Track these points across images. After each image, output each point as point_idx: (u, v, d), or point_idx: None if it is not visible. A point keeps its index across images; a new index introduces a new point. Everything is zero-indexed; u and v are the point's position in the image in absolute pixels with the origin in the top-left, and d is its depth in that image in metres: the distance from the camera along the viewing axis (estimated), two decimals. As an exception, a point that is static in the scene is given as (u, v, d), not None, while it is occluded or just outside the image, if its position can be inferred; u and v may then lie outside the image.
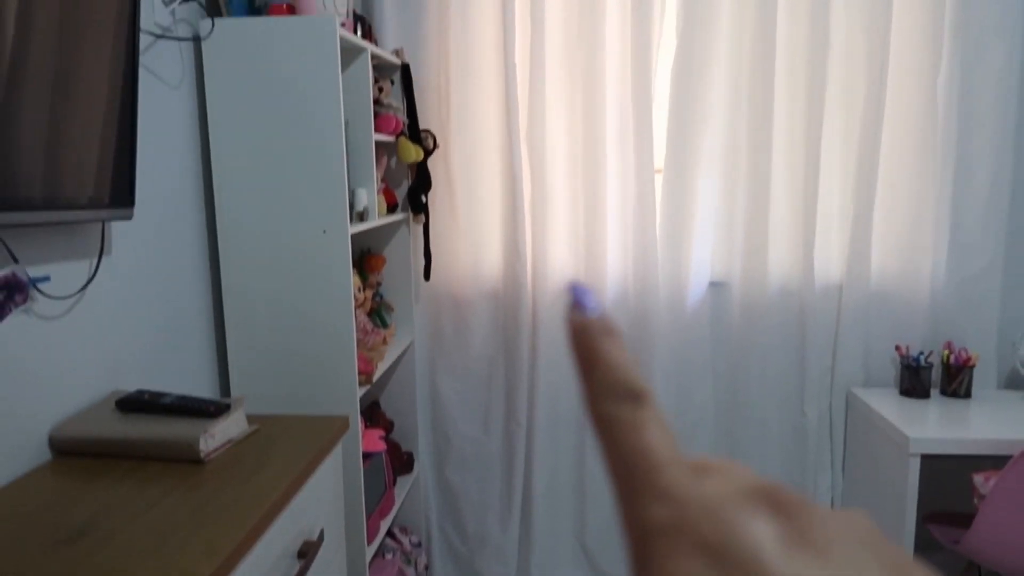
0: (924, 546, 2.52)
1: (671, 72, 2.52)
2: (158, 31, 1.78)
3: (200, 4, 1.92)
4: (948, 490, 2.60)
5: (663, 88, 2.55)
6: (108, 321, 1.54)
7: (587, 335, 0.22)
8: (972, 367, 2.46)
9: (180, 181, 1.86)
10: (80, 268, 1.46)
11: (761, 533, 0.18)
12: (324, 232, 1.94)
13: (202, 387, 1.92)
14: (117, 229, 1.59)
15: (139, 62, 1.56)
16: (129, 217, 1.48)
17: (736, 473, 0.21)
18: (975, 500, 2.09)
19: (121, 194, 1.46)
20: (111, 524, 1.09)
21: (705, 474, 0.21)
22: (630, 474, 0.20)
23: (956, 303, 2.55)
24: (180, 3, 1.84)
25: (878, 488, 2.35)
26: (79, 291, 1.45)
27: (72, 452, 1.34)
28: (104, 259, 1.53)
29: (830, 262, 2.59)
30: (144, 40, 1.70)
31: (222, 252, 1.95)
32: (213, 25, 1.88)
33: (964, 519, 2.32)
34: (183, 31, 1.88)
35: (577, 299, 0.23)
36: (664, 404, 2.62)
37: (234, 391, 1.96)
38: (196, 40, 1.92)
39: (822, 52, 2.44)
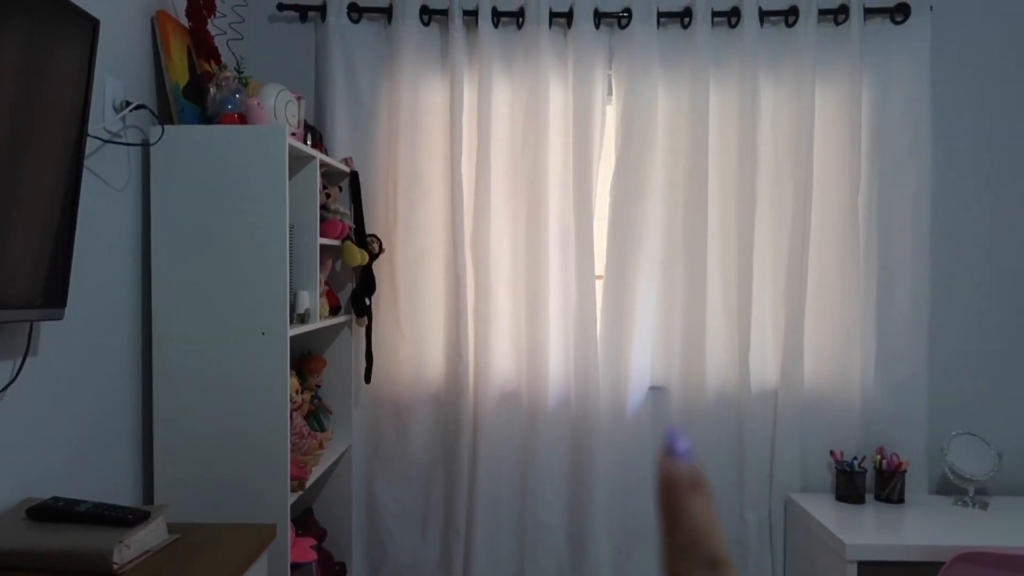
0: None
1: (611, 185, 2.64)
2: (107, 136, 1.82)
3: (152, 112, 1.98)
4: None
5: (603, 200, 2.67)
6: (26, 425, 1.50)
7: (676, 488, 0.23)
8: (904, 472, 2.52)
9: (117, 283, 1.86)
10: (2, 369, 1.43)
11: None
12: (263, 334, 1.94)
13: (124, 496, 1.85)
14: (46, 331, 1.57)
15: (84, 165, 1.59)
16: (60, 317, 1.47)
17: None
18: (911, 609, 2.09)
19: (53, 295, 1.45)
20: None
21: None
22: None
23: (886, 409, 2.63)
24: (132, 110, 1.90)
25: (818, 597, 2.34)
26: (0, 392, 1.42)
27: (-26, 564, 1.28)
28: (29, 360, 1.50)
29: (765, 368, 2.67)
30: (92, 144, 1.74)
31: (155, 353, 1.93)
32: (163, 131, 1.93)
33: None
34: (133, 136, 1.93)
35: (671, 444, 0.23)
36: (606, 512, 2.59)
37: (158, 499, 1.90)
38: (145, 145, 1.96)
39: (751, 172, 2.59)
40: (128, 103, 1.88)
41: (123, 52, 1.88)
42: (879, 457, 2.55)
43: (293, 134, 2.16)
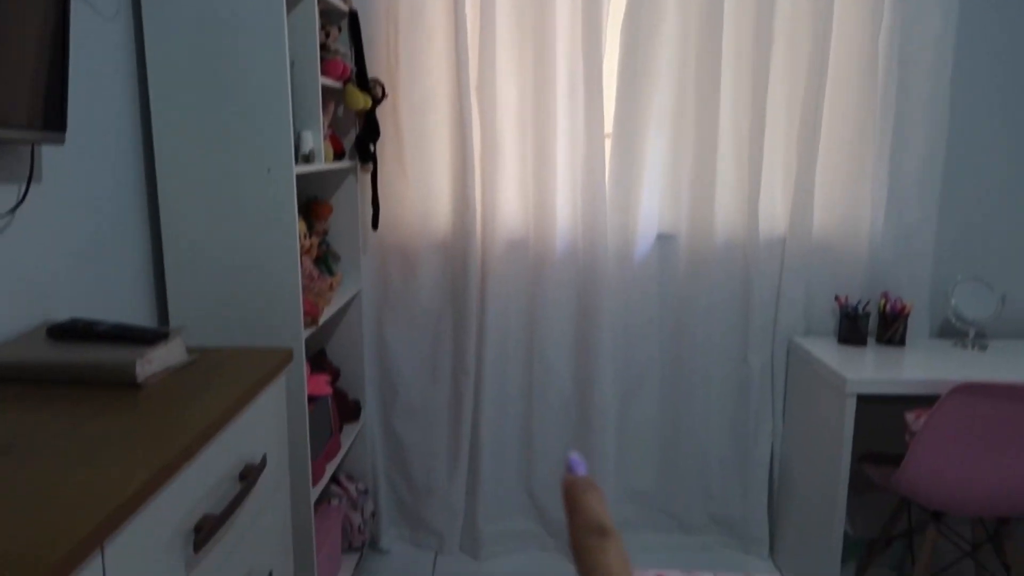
0: (859, 486, 2.63)
1: (621, 29, 2.52)
2: (92, -41, 1.71)
3: (136, -67, 1.86)
4: (882, 433, 2.70)
5: (613, 46, 2.56)
6: (39, 248, 1.50)
7: (575, 489, 0.28)
8: (907, 316, 2.55)
9: (115, 114, 1.81)
10: (8, 192, 1.41)
11: None
12: (268, 171, 1.91)
13: (140, 322, 1.88)
14: (48, 157, 1.54)
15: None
16: (61, 142, 1.44)
17: None
18: (907, 437, 2.17)
19: (53, 119, 1.41)
20: (38, 441, 1.06)
21: None
22: None
23: (893, 255, 2.63)
24: (115, -69, 1.78)
25: (816, 431, 2.43)
26: (7, 213, 1.40)
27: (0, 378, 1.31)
28: (34, 186, 1.48)
29: (774, 216, 2.65)
30: (77, -33, 1.64)
31: (161, 189, 1.90)
32: (150, -45, 1.82)
33: (896, 459, 2.42)
34: (118, -40, 1.82)
35: (571, 466, 0.30)
36: (612, 355, 2.65)
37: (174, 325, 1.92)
38: (132, -30, 1.85)
39: (768, 12, 2.47)
40: (111, -78, 1.76)
41: None
42: (883, 301, 2.58)
43: (288, -37, 2.03)
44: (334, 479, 2.57)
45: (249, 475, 1.29)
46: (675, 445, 2.77)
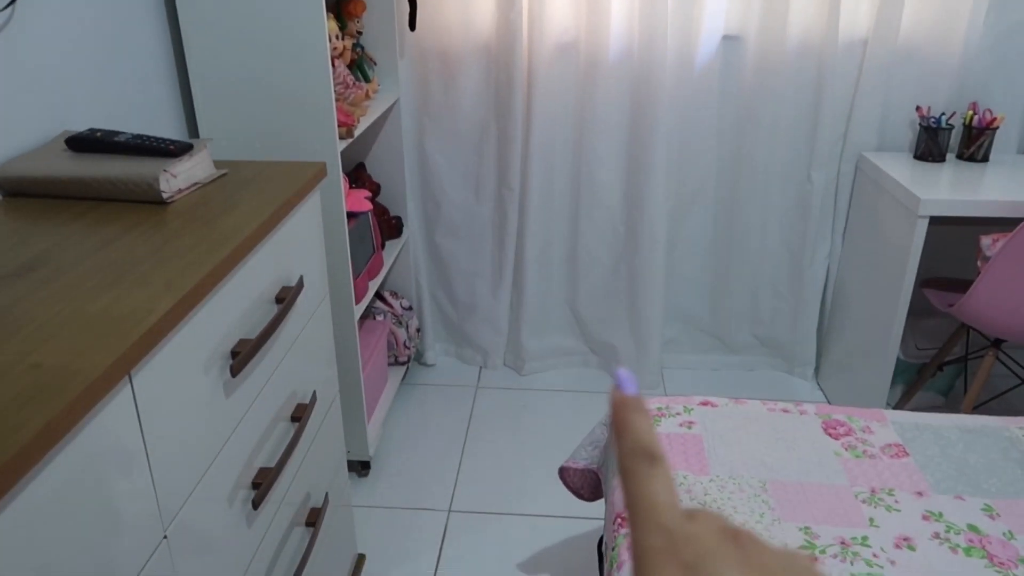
0: (917, 311, 2.53)
1: None
2: None
3: None
4: (947, 256, 2.56)
5: None
6: (48, 48, 1.37)
7: (624, 408, 0.31)
8: (995, 129, 2.32)
9: None
10: (3, -15, 1.26)
11: (726, 559, 0.27)
12: (292, -37, 1.70)
13: (166, 133, 1.78)
14: (44, -57, 1.37)
15: None
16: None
17: (713, 518, 0.29)
18: (978, 262, 2.04)
19: None
20: (63, 260, 1.00)
21: (692, 518, 0.29)
22: (639, 511, 0.29)
23: (988, 61, 2.35)
24: None
25: (879, 254, 2.29)
26: (4, 7, 1.26)
27: (20, 193, 1.24)
28: (32, -23, 1.32)
29: (858, 13, 2.35)
30: None
31: (176, -15, 1.72)
32: None
33: (960, 285, 2.29)
34: None
35: (620, 382, 0.31)
36: (665, 172, 2.49)
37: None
38: None
39: None
40: None
41: None
42: (970, 113, 2.33)
43: None
44: (378, 295, 2.56)
45: (286, 297, 1.24)
46: (726, 266, 2.67)
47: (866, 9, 2.35)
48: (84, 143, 1.28)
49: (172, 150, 1.26)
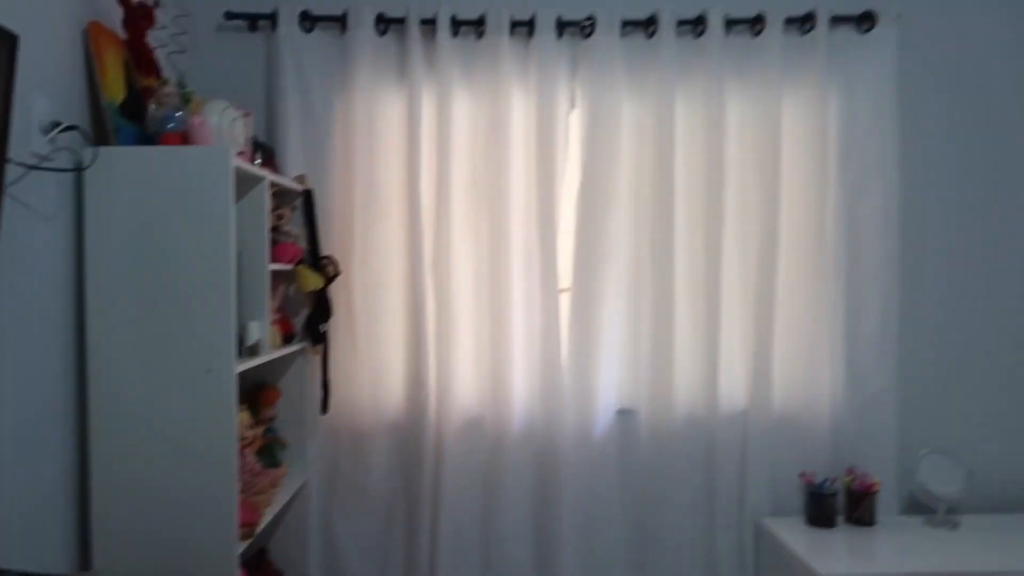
0: None
1: (576, 199, 2.56)
2: (34, 161, 1.67)
3: (84, 133, 1.83)
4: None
5: (568, 215, 2.58)
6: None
7: None
8: (874, 493, 2.48)
9: (48, 319, 1.72)
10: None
11: None
12: (208, 371, 1.81)
13: (56, 556, 1.71)
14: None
15: (4, 194, 1.46)
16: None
17: None
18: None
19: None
20: None
21: None
22: None
23: (856, 428, 2.59)
24: (61, 131, 1.75)
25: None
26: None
27: None
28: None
29: (734, 388, 2.61)
30: (17, 171, 1.60)
31: (91, 396, 1.79)
32: (97, 154, 1.80)
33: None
34: (63, 160, 1.78)
35: None
36: (575, 544, 2.51)
37: (96, 553, 1.76)
38: (77, 170, 1.82)
39: (718, 185, 2.52)
40: (57, 124, 1.73)
41: (51, 67, 1.74)
42: (849, 478, 2.51)
43: (240, 153, 2.03)
44: None
45: None
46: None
47: (741, 384, 2.61)
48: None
49: (54, 597, 1.22)
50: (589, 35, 2.53)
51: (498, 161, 2.50)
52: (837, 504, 2.50)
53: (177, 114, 1.90)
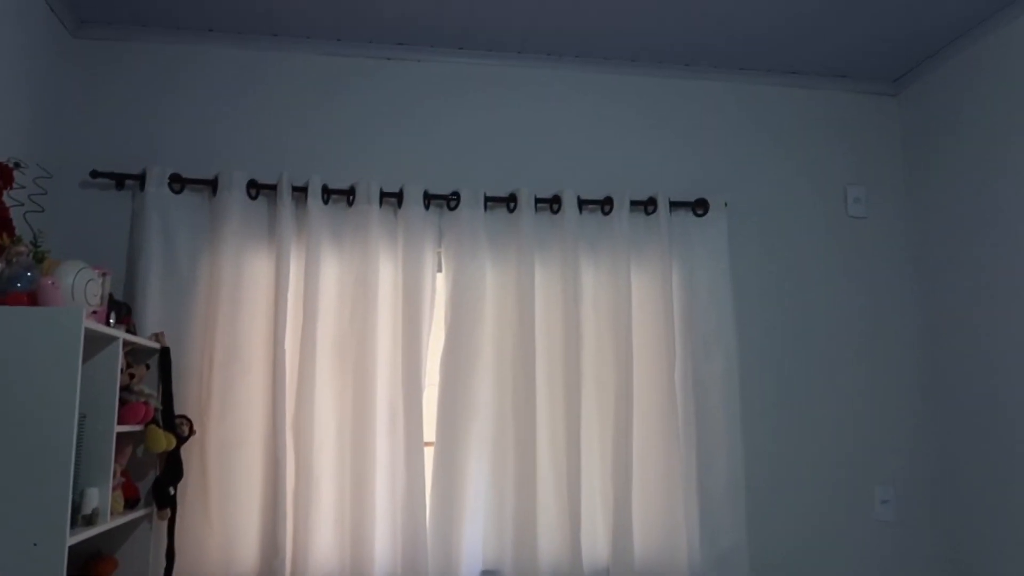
0: None
1: (440, 361, 2.63)
2: None
3: (-79, 290, 1.76)
4: None
5: (433, 376, 2.64)
6: None
7: None
8: (732, 651, 2.52)
9: None
10: None
11: None
12: (35, 545, 1.68)
13: None
14: None
15: None
16: None
17: None
18: None
19: None
20: None
21: None
22: None
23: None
24: None
25: None
26: None
27: None
28: None
29: (597, 544, 2.64)
30: None
31: None
32: (-69, 314, 1.72)
33: None
34: None
35: None
36: None
37: None
38: (-93, 329, 1.73)
39: (575, 348, 2.67)
40: None
41: None
42: (709, 634, 2.55)
43: (94, 312, 2.00)
44: None
45: None
46: None
47: (603, 540, 2.65)
48: None
49: None
50: (454, 208, 2.72)
51: (364, 319, 2.56)
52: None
53: (28, 273, 1.87)
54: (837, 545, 2.84)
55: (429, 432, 2.60)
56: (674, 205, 2.86)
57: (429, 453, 2.59)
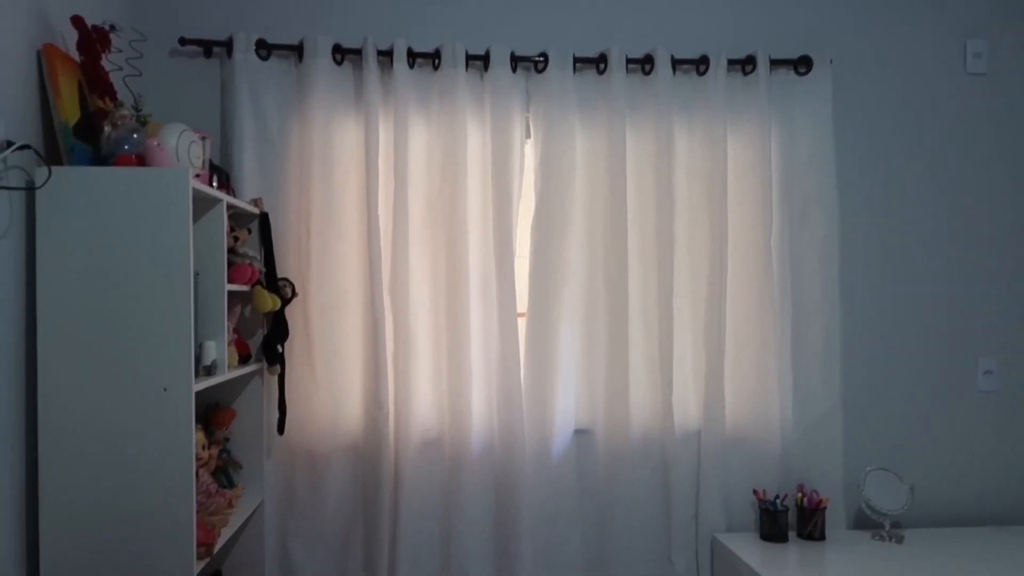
0: None
1: (531, 227, 2.62)
2: (-16, 179, 1.66)
3: (37, 152, 1.82)
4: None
5: (523, 241, 2.63)
6: None
7: None
8: (823, 509, 2.55)
9: (-4, 338, 1.69)
10: None
11: None
12: (165, 391, 1.80)
13: (3, 567, 1.66)
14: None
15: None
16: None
17: None
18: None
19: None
20: None
21: None
22: None
23: (804, 448, 2.67)
24: (14, 150, 1.74)
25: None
26: None
27: None
28: None
29: (688, 409, 2.67)
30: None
31: (42, 415, 1.76)
32: (50, 174, 1.79)
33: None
34: (15, 179, 1.77)
35: None
36: (533, 565, 2.52)
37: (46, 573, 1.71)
38: (30, 189, 1.80)
39: (668, 214, 2.61)
40: (10, 143, 1.72)
41: (4, 88, 1.73)
42: (800, 495, 2.58)
43: (197, 176, 2.04)
44: None
45: None
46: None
47: (694, 405, 2.68)
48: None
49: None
50: (542, 70, 2.62)
51: (454, 188, 2.55)
52: (789, 520, 2.56)
53: (134, 136, 1.91)
54: (937, 414, 2.79)
55: (522, 296, 2.61)
56: (774, 63, 2.69)
57: (521, 323, 2.61)
